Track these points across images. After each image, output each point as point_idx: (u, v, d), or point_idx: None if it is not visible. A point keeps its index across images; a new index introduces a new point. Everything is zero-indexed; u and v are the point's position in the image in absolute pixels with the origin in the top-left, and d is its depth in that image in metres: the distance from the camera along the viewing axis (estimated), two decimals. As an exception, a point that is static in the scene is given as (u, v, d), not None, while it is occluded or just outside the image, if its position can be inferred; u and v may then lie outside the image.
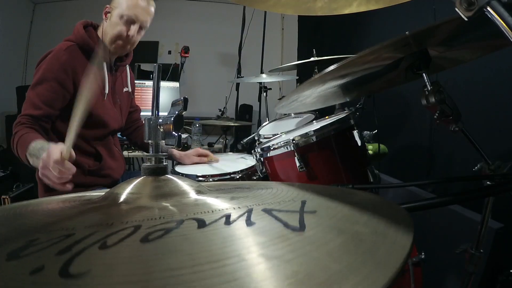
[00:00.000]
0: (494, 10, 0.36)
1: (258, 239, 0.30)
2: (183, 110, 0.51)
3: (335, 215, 0.37)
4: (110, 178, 1.47)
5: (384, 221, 0.34)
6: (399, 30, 0.61)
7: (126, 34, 1.34)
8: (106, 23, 1.36)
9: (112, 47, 1.37)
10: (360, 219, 0.35)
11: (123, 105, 1.54)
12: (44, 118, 1.25)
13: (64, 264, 0.26)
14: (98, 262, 0.27)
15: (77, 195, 0.55)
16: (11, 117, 3.27)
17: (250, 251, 0.28)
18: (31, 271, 0.25)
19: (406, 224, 0.33)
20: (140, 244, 0.30)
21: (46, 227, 0.36)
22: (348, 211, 0.38)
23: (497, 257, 1.17)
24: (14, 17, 3.67)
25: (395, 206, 0.40)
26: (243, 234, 0.31)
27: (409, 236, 0.30)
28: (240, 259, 0.26)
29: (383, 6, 0.51)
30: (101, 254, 0.28)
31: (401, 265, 0.25)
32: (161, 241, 0.30)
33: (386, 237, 0.30)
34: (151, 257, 0.27)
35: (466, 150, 1.47)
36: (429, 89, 0.73)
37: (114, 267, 0.26)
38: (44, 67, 1.26)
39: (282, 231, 0.31)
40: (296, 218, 0.34)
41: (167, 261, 0.27)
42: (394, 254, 0.27)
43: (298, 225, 0.32)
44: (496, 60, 1.34)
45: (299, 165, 1.04)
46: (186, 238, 0.30)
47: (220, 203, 0.43)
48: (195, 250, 0.28)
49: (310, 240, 0.30)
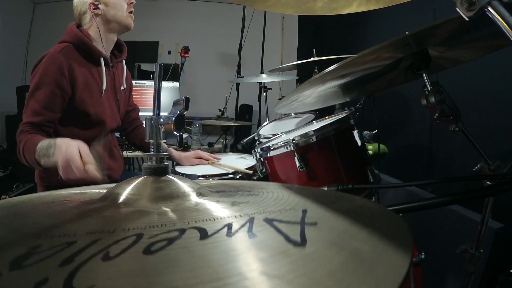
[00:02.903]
0: (495, 10, 0.36)
1: (259, 255, 0.31)
2: (185, 110, 0.51)
3: (336, 228, 0.37)
4: (110, 178, 1.47)
5: (384, 236, 0.34)
6: (399, 30, 0.61)
7: (130, 2, 1.39)
8: (102, 12, 1.35)
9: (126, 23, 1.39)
10: (360, 234, 0.36)
11: (120, 103, 1.54)
12: (47, 123, 1.25)
13: (68, 276, 0.26)
14: (101, 276, 0.27)
15: (77, 191, 0.55)
16: (11, 117, 3.27)
17: (251, 268, 0.28)
18: (35, 284, 0.26)
19: (404, 238, 0.34)
20: (142, 256, 0.30)
21: (47, 231, 0.36)
22: (348, 224, 0.38)
23: (497, 257, 1.17)
24: (14, 17, 3.67)
25: (394, 217, 0.41)
26: (245, 248, 0.32)
27: (407, 255, 0.31)
28: (242, 278, 0.27)
29: (383, 6, 0.51)
30: (104, 266, 0.28)
31: (399, 285, 0.26)
32: (163, 253, 0.30)
33: (385, 256, 0.31)
34: (154, 272, 0.28)
35: (466, 150, 1.48)
36: (429, 89, 0.73)
37: (118, 281, 0.26)
38: (40, 71, 1.24)
39: (284, 246, 0.32)
40: (297, 231, 0.35)
41: (170, 277, 0.27)
42: (392, 274, 0.28)
43: (300, 239, 0.33)
44: (496, 60, 1.34)
45: (299, 165, 1.04)
46: (189, 251, 0.31)
47: (221, 209, 0.43)
48: (198, 265, 0.28)
49: (311, 257, 0.30)
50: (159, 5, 4.20)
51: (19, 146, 1.18)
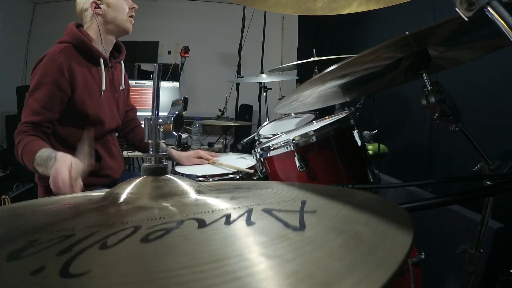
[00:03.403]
0: (494, 10, 0.36)
1: (258, 239, 0.30)
2: (183, 110, 0.51)
3: (335, 215, 0.37)
4: (110, 178, 1.47)
5: (384, 221, 0.34)
6: (399, 30, 0.61)
7: (132, 6, 1.41)
8: (103, 12, 1.36)
9: (125, 27, 1.40)
10: (360, 219, 0.35)
11: (120, 103, 1.54)
12: (45, 123, 1.25)
13: (65, 264, 0.26)
14: (98, 262, 0.27)
15: (77, 195, 0.55)
16: (11, 117, 3.27)
17: (251, 250, 0.28)
18: (31, 272, 0.26)
19: (406, 224, 0.33)
20: (140, 244, 0.30)
21: (46, 228, 0.36)
22: (348, 211, 0.38)
23: (497, 257, 1.17)
24: (14, 17, 3.67)
25: (395, 206, 0.41)
26: (244, 234, 0.32)
27: (409, 235, 0.30)
28: (241, 259, 0.26)
29: (383, 6, 0.51)
30: (101, 254, 0.28)
31: (401, 265, 0.25)
32: (161, 241, 0.30)
33: (386, 237, 0.30)
34: (151, 257, 0.27)
35: (466, 150, 1.47)
36: (429, 89, 0.73)
37: (115, 267, 0.26)
38: (40, 71, 1.25)
39: (282, 230, 0.31)
40: (296, 218, 0.35)
41: (167, 261, 0.27)
42: (394, 254, 0.27)
43: (298, 225, 0.33)
44: (496, 60, 1.34)
45: (299, 165, 1.04)
46: (186, 238, 0.30)
47: (220, 203, 0.43)
48: (196, 250, 0.28)
49: (310, 240, 0.30)
50: (159, 5, 4.20)
51: (17, 146, 1.18)
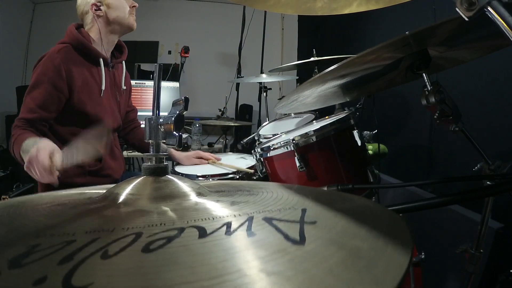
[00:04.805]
0: (494, 10, 0.36)
1: (258, 253, 0.30)
2: (184, 110, 0.51)
3: (335, 227, 0.37)
4: (111, 178, 1.47)
5: (383, 235, 0.34)
6: (399, 30, 0.61)
7: (132, 5, 1.41)
8: (104, 14, 1.36)
9: (129, 24, 1.41)
10: (359, 233, 0.35)
11: (121, 103, 1.54)
12: (40, 121, 1.26)
13: (67, 274, 0.26)
14: (100, 273, 0.27)
15: (77, 192, 0.55)
16: (11, 117, 3.26)
17: (250, 266, 0.28)
18: (34, 282, 0.25)
19: (404, 238, 0.33)
20: (141, 254, 0.30)
21: (46, 231, 0.36)
22: (347, 222, 0.38)
23: (497, 257, 1.17)
24: (14, 17, 3.67)
25: (394, 216, 0.41)
26: (244, 246, 0.32)
27: (407, 254, 0.30)
28: (241, 275, 0.27)
29: (383, 6, 0.51)
30: (103, 264, 0.28)
31: (399, 284, 0.26)
32: (162, 251, 0.30)
33: (384, 254, 0.31)
34: (152, 269, 0.28)
35: (466, 150, 1.47)
36: (429, 89, 0.73)
37: (116, 279, 0.26)
38: (39, 70, 1.27)
39: (282, 243, 0.32)
40: (297, 229, 0.35)
41: (168, 274, 0.27)
42: (392, 272, 0.27)
43: (299, 238, 0.33)
44: (496, 60, 1.34)
45: (299, 165, 1.04)
46: (187, 249, 0.31)
47: (220, 208, 0.43)
48: (196, 263, 0.28)
49: (310, 255, 0.30)
50: (159, 5, 4.20)
51: (11, 139, 1.20)
